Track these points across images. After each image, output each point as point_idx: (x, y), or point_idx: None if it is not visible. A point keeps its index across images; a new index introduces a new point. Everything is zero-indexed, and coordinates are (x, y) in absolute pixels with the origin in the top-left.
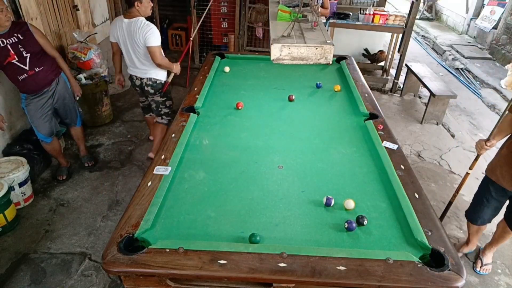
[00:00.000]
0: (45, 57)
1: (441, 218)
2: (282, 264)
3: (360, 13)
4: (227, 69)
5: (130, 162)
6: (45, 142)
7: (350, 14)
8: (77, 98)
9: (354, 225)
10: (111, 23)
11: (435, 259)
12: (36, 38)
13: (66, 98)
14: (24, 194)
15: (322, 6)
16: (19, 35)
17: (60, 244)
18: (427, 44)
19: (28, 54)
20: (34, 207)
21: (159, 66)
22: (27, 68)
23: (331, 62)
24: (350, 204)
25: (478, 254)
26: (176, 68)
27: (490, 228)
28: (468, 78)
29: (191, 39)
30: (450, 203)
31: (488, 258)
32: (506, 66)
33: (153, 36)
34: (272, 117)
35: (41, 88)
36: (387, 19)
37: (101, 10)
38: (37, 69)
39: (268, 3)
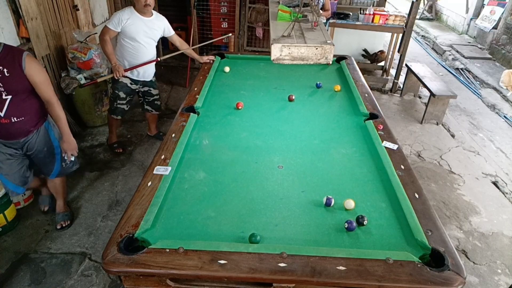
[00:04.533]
0: (30, 103)
1: None
2: (282, 264)
3: (360, 13)
4: (227, 69)
5: (130, 162)
6: (15, 194)
7: (350, 14)
8: (72, 158)
9: (354, 225)
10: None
11: (435, 259)
12: (27, 77)
13: (44, 152)
14: (24, 194)
15: (323, 8)
16: (5, 70)
17: (60, 244)
18: (427, 44)
19: (9, 97)
20: (34, 207)
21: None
22: (1, 114)
23: (331, 62)
24: (350, 204)
25: None
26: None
27: (490, 228)
28: (468, 78)
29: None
30: None
31: None
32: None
33: None
34: (272, 117)
35: (12, 138)
36: (387, 19)
37: (101, 10)
38: (14, 119)
39: (268, 3)
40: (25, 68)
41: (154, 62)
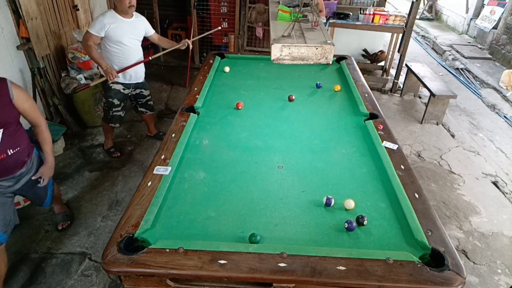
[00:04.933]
0: (21, 132)
1: None
2: (282, 264)
3: (360, 13)
4: (227, 69)
5: (130, 162)
6: None
7: (350, 14)
8: (41, 182)
9: (354, 225)
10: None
11: (435, 259)
12: (15, 105)
13: (38, 180)
14: None
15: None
16: None
17: (60, 244)
18: (427, 44)
19: (1, 130)
20: (34, 207)
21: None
22: None
23: (331, 62)
24: (350, 204)
25: None
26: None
27: (490, 228)
28: (468, 78)
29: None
30: None
31: None
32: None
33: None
34: (272, 117)
35: (8, 174)
36: (387, 19)
37: (101, 10)
38: (10, 152)
39: (268, 3)
40: (13, 97)
41: (143, 63)
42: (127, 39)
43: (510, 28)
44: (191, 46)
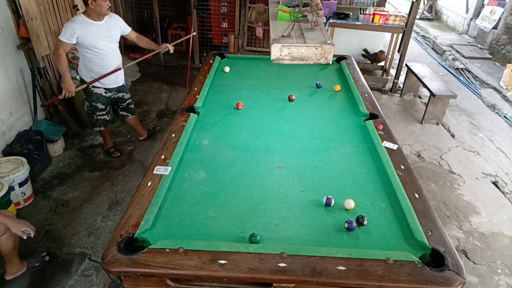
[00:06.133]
0: None
1: None
2: (282, 264)
3: (360, 13)
4: (227, 69)
5: (130, 162)
6: None
7: (350, 14)
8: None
9: (354, 225)
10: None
11: (435, 259)
12: None
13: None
14: (24, 194)
15: None
16: None
17: (60, 244)
18: (427, 44)
19: None
20: (34, 207)
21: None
22: None
23: (331, 62)
24: (350, 204)
25: None
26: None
27: (490, 228)
28: (468, 78)
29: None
30: None
31: None
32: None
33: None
34: (272, 117)
35: None
36: (387, 19)
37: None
38: None
39: (268, 3)
40: None
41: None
42: (101, 43)
43: (510, 28)
44: (171, 50)
